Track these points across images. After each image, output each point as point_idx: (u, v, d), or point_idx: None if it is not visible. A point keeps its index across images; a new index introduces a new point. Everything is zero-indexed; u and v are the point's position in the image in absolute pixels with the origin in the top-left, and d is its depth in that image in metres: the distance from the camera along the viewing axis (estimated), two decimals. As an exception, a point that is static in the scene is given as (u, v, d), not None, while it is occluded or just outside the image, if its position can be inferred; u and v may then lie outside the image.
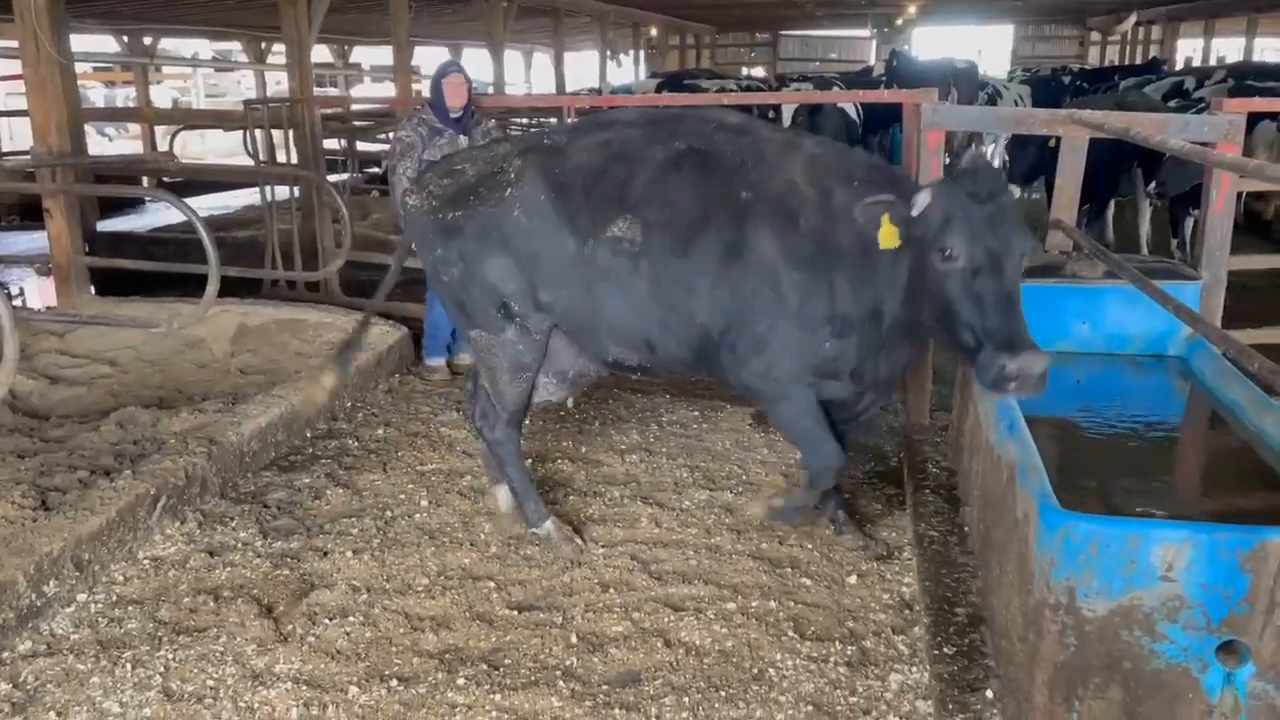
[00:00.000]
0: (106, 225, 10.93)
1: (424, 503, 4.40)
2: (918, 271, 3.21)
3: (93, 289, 7.98)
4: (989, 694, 2.96)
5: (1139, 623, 2.44)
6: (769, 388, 3.57)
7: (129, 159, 9.40)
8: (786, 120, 7.83)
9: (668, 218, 3.50)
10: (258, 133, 7.99)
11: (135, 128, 18.67)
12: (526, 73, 24.87)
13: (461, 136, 5.66)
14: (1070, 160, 4.43)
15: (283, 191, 7.82)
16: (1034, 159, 8.85)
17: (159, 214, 11.85)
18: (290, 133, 7.74)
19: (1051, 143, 7.25)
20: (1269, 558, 2.30)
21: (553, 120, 10.21)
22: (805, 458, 3.77)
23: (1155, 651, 2.45)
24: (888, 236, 3.21)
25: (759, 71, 27.78)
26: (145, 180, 11.18)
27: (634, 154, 3.61)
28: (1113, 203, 9.74)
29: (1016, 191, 9.93)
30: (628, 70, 24.28)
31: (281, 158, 8.62)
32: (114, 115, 18.21)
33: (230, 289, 7.05)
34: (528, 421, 5.22)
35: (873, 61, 23.45)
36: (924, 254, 3.14)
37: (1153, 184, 7.74)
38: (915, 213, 3.11)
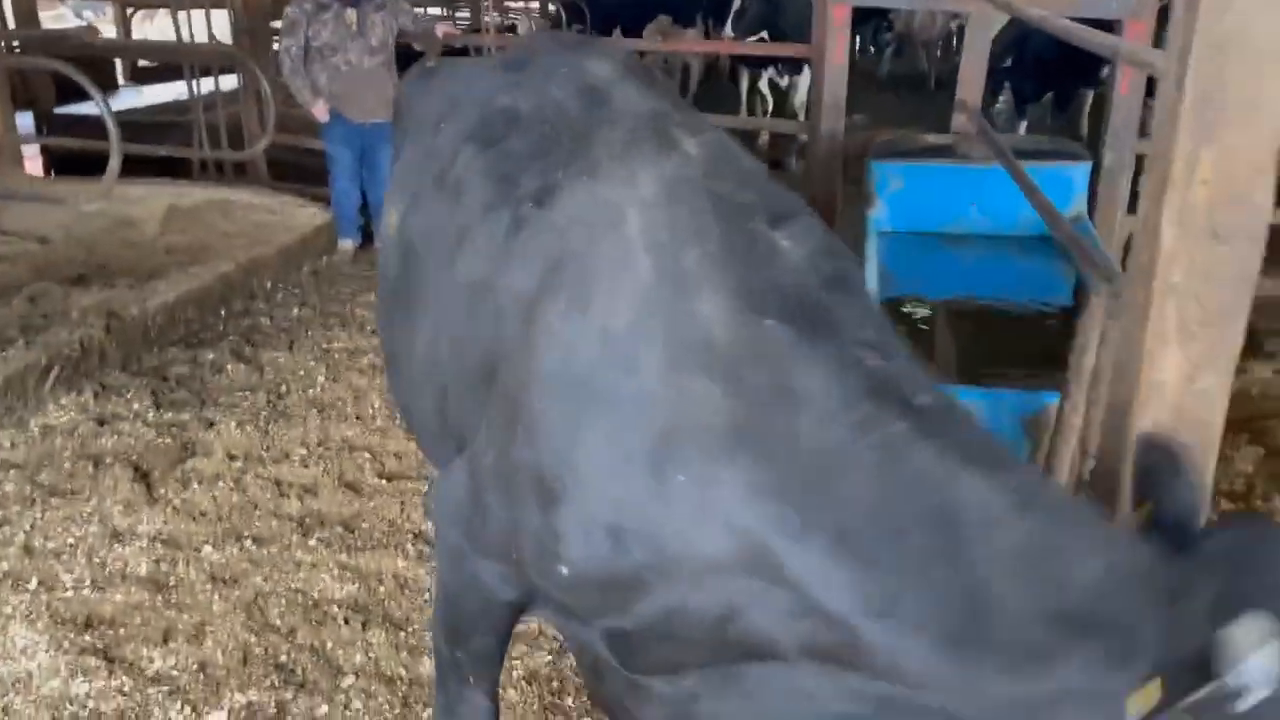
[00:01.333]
0: (68, 109, 10.82)
1: (321, 379, 4.45)
2: None
3: (53, 172, 8.02)
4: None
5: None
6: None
7: (50, 34, 9.23)
8: (735, 4, 7.53)
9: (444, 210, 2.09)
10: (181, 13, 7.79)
11: (111, 10, 18.23)
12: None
13: (350, 10, 5.54)
14: (975, 40, 4.31)
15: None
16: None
17: (124, 98, 11.69)
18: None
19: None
20: (1049, 421, 2.32)
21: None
22: None
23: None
24: None
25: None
26: (121, 65, 11.02)
27: (471, 100, 2.27)
28: (1091, 94, 9.54)
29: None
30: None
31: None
32: (76, -8, 17.73)
33: (170, 172, 7.10)
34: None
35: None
36: None
37: (1105, 70, 7.51)
38: None
